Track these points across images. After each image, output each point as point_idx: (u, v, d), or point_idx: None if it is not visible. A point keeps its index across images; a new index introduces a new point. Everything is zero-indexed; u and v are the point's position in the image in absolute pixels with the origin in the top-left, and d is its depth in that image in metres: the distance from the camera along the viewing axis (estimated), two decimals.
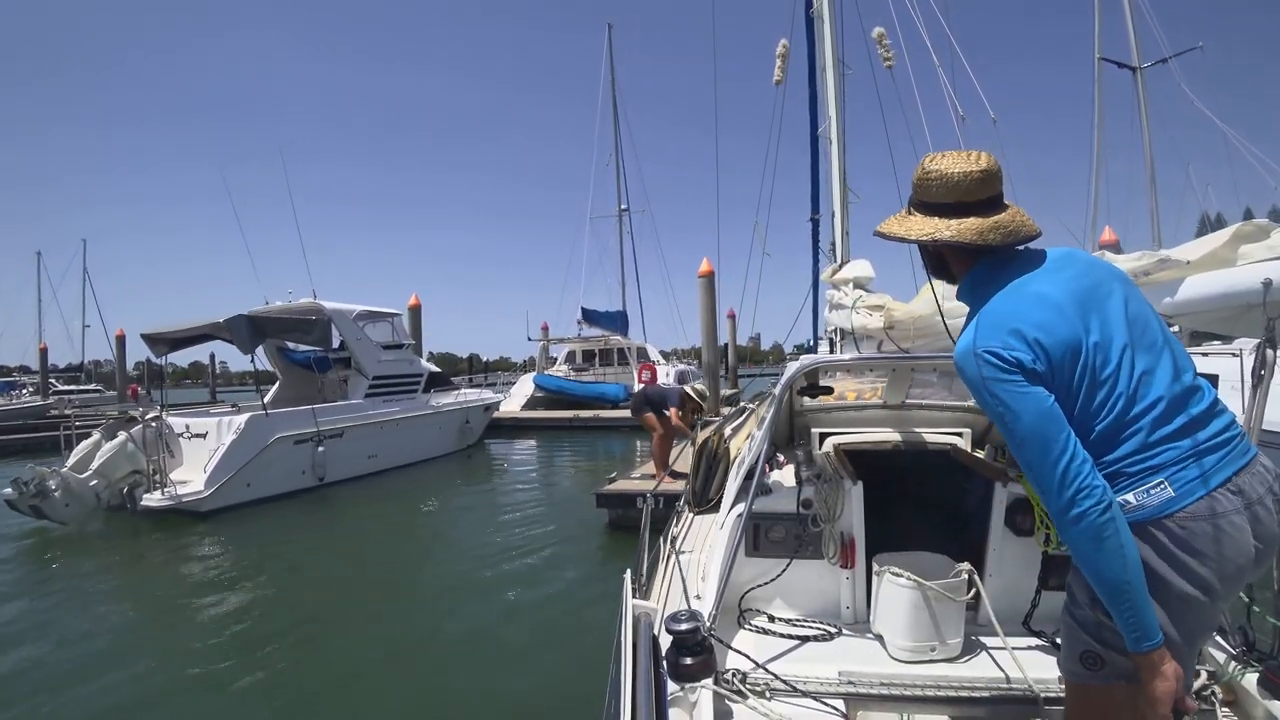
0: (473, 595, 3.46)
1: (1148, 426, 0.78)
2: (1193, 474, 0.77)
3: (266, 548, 4.68)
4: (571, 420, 11.87)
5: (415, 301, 13.89)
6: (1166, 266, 1.24)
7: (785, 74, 4.65)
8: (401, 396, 8.23)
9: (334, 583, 3.93)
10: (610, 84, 17.99)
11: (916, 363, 1.81)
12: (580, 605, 3.22)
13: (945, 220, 0.91)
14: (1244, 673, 1.10)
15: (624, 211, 17.75)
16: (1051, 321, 0.81)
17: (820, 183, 4.61)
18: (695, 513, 2.17)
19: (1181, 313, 1.22)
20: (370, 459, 7.47)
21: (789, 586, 1.53)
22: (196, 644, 2.93)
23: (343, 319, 7.61)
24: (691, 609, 1.03)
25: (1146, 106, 9.48)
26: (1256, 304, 1.03)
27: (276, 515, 5.68)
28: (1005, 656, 1.24)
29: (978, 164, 0.90)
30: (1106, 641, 0.79)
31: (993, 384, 0.81)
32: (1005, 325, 0.83)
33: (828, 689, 1.20)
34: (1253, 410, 1.10)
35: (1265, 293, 1.01)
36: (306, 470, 6.57)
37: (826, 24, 4.01)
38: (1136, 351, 0.81)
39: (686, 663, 0.95)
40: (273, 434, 6.16)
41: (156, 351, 7.32)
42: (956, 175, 0.89)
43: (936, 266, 0.98)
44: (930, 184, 0.92)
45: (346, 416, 7.18)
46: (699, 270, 10.53)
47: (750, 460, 1.73)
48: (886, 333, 2.21)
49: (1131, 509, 0.77)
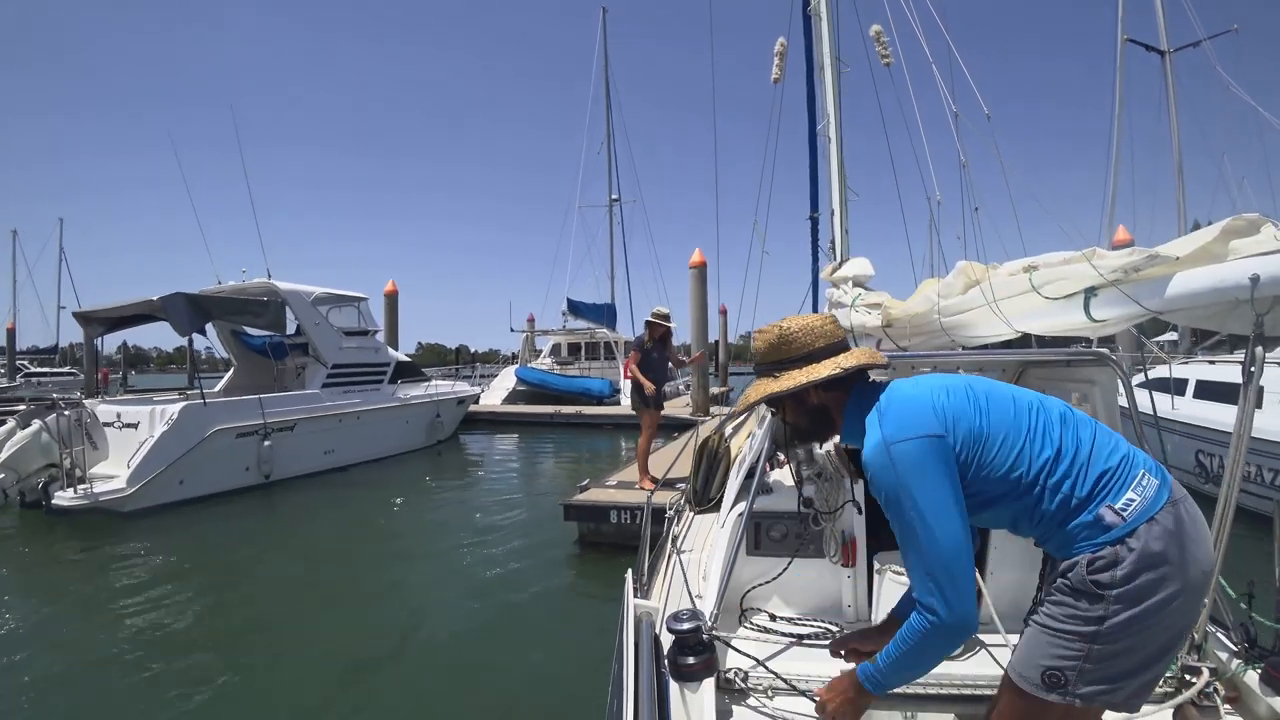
0: (399, 640, 2.96)
1: (1089, 428, 0.89)
2: (1151, 464, 0.87)
3: (196, 553, 4.42)
4: (552, 416, 11.82)
5: (392, 288, 13.64)
6: (1156, 263, 1.31)
7: (784, 72, 4.78)
8: (364, 387, 8.04)
9: (268, 591, 3.70)
10: (604, 69, 18.10)
11: (914, 360, 1.88)
12: (533, 682, 2.53)
13: (822, 362, 0.98)
14: (1246, 669, 1.17)
15: (615, 201, 17.79)
16: (958, 402, 0.89)
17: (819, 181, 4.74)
18: (696, 512, 2.24)
19: (1171, 309, 1.29)
20: (326, 455, 7.26)
21: (790, 585, 1.58)
22: (93, 660, 2.75)
23: (299, 301, 7.40)
24: (693, 608, 1.08)
25: (1175, 93, 9.01)
26: (1245, 300, 1.10)
27: (213, 516, 5.43)
28: (1007, 655, 1.29)
29: (820, 318, 1.03)
30: (1083, 674, 0.82)
31: (915, 481, 0.84)
32: (917, 411, 0.88)
33: None
34: (1241, 409, 1.17)
35: (1253, 288, 1.07)
36: (251, 466, 6.34)
37: (824, 22, 4.15)
38: (1042, 411, 0.90)
39: (688, 662, 0.98)
40: (211, 426, 5.93)
41: (91, 332, 7.14)
42: (815, 322, 1.02)
43: (818, 421, 1.02)
44: (794, 338, 1.01)
45: (299, 408, 6.95)
46: (690, 261, 10.60)
47: (751, 459, 1.79)
48: (884, 331, 2.29)
49: (1139, 505, 0.82)
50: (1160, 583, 0.80)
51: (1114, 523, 0.82)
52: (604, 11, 18.01)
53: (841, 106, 4.14)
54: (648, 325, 4.58)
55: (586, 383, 13.83)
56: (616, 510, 4.08)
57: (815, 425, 1.03)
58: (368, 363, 8.23)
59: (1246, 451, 1.18)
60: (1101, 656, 0.81)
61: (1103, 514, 0.82)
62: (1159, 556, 0.80)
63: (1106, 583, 0.81)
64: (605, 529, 4.13)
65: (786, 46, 4.70)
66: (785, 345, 1.00)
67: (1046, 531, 0.88)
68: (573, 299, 14.99)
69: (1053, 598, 0.87)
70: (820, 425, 1.03)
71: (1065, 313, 1.50)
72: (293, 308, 7.33)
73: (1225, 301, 1.16)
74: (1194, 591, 0.82)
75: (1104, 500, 0.83)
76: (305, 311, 7.47)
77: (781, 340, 1.01)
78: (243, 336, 7.90)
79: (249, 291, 7.38)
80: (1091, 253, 1.45)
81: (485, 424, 12.01)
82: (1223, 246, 1.21)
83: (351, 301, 8.39)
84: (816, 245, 4.77)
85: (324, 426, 7.21)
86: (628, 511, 4.03)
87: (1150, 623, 0.80)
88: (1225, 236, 1.21)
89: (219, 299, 6.73)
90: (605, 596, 3.25)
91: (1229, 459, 1.20)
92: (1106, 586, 0.81)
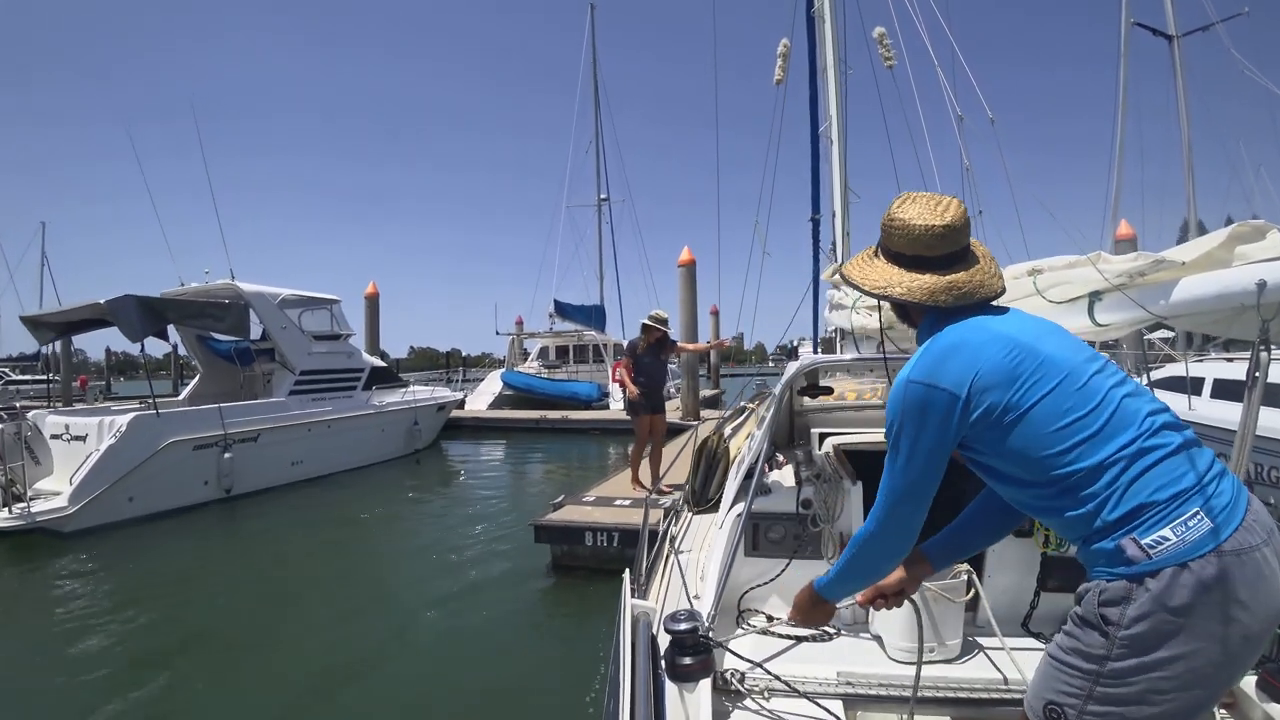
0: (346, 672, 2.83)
1: (1160, 448, 0.78)
2: (1219, 504, 0.76)
3: (145, 576, 4.27)
4: (538, 421, 11.74)
5: (372, 290, 13.47)
6: (1162, 268, 1.36)
7: (786, 74, 4.88)
8: (336, 394, 7.90)
9: (221, 618, 3.53)
10: (592, 67, 18.40)
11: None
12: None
13: (902, 273, 0.97)
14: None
15: (604, 201, 17.87)
16: (995, 358, 0.86)
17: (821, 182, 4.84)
18: (694, 512, 2.29)
19: (1176, 314, 1.34)
20: (294, 466, 7.11)
21: (788, 586, 1.62)
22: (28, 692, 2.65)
23: (263, 304, 7.25)
24: (690, 609, 1.09)
25: (1184, 80, 8.77)
26: (1251, 305, 1.14)
27: (167, 535, 5.28)
28: (1004, 657, 1.34)
29: (940, 217, 0.94)
30: (1084, 716, 0.79)
31: (913, 417, 0.88)
32: (949, 360, 0.88)
33: (826, 689, 1.29)
34: (1246, 415, 1.22)
35: (1259, 294, 1.11)
36: (210, 480, 6.18)
37: (828, 24, 4.27)
38: (1109, 376, 0.84)
39: (685, 663, 1.00)
40: (164, 438, 5.76)
41: (41, 338, 6.91)
42: (918, 228, 0.95)
43: (902, 314, 1.06)
44: (893, 232, 0.99)
45: (263, 417, 6.80)
46: (679, 259, 10.65)
47: (750, 460, 1.84)
48: (886, 333, 2.33)
49: (1171, 547, 0.74)
50: (1177, 637, 0.73)
51: (1135, 557, 0.75)
52: (591, 9, 18.28)
53: (845, 108, 4.24)
54: (644, 329, 4.55)
55: (574, 386, 13.83)
56: (593, 532, 3.82)
57: (904, 319, 1.07)
58: (339, 368, 8.09)
59: (1252, 451, 1.23)
60: (1107, 700, 0.77)
61: (1124, 545, 0.76)
62: (1181, 609, 0.73)
63: (1114, 619, 0.76)
64: (580, 551, 3.86)
65: (790, 48, 4.81)
66: (885, 232, 1.01)
67: (1066, 535, 0.88)
68: (560, 300, 15.08)
69: (1065, 626, 0.85)
70: (906, 320, 1.07)
71: (1069, 317, 1.54)
72: (257, 310, 7.18)
73: (1231, 307, 1.20)
74: (1232, 657, 0.74)
75: (1131, 532, 0.77)
76: (270, 314, 7.32)
77: (886, 225, 1.00)
78: (209, 342, 7.73)
79: (210, 293, 7.23)
80: (1096, 257, 1.49)
81: (469, 430, 11.88)
82: (1228, 252, 1.26)
83: (323, 304, 8.26)
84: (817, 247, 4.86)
85: (291, 436, 7.06)
86: (604, 533, 3.79)
87: (1160, 676, 0.73)
88: (1231, 242, 1.26)
89: (174, 301, 6.58)
90: (574, 635, 3.13)
91: (1231, 463, 1.25)
92: (1113, 624, 0.76)
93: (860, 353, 2.57)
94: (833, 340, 3.24)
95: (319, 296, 8.21)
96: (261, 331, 7.47)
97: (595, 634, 2.97)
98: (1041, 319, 0.96)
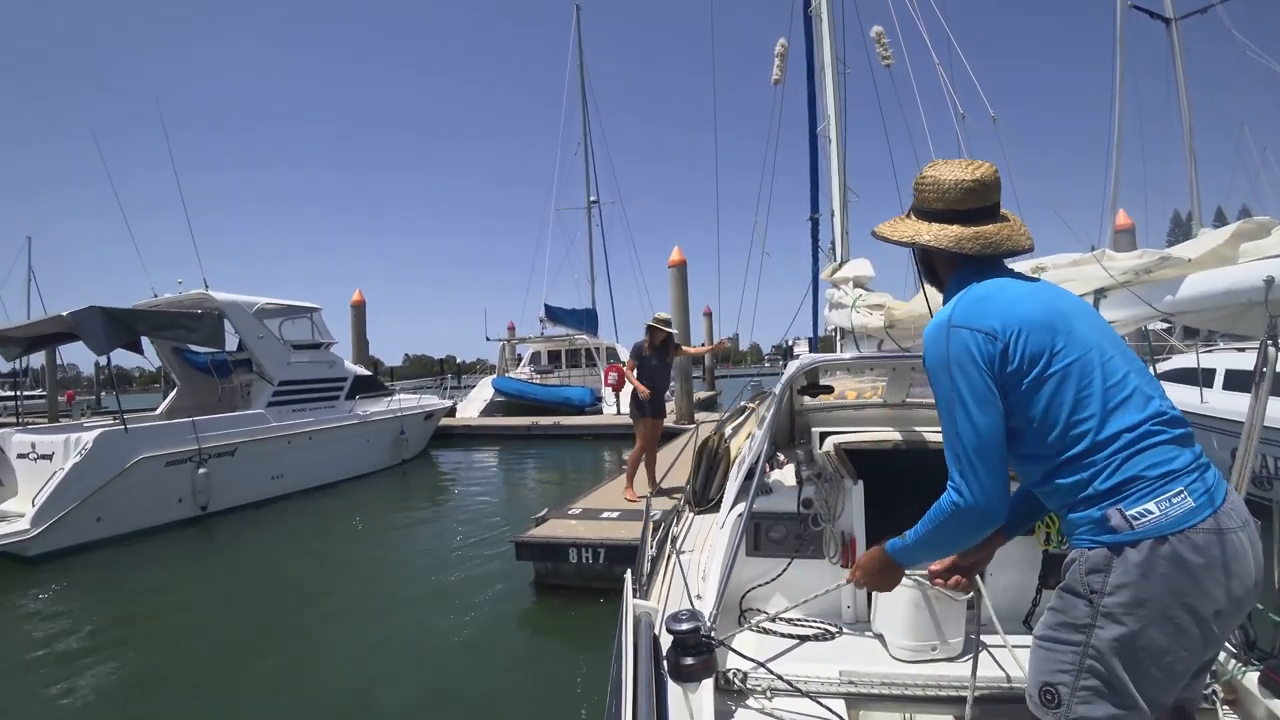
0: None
1: (1161, 433, 0.84)
2: (1201, 487, 0.82)
3: (114, 601, 4.15)
4: (529, 428, 11.70)
5: (359, 298, 13.39)
6: (1168, 264, 1.40)
7: (784, 73, 4.95)
8: (317, 404, 7.83)
9: (191, 645, 3.45)
10: (579, 68, 18.52)
11: (917, 362, 1.96)
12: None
13: (930, 224, 1.02)
14: (1244, 671, 1.23)
15: (593, 203, 17.95)
16: (1033, 315, 0.89)
17: (820, 182, 4.90)
18: (695, 512, 2.33)
19: (1183, 311, 1.38)
20: (274, 480, 7.02)
21: (790, 586, 1.66)
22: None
23: (238, 313, 7.19)
24: (692, 609, 1.12)
25: (1183, 64, 8.70)
26: (1258, 302, 1.18)
27: (138, 557, 5.17)
28: (1006, 656, 1.36)
29: (971, 173, 0.99)
30: (1077, 692, 0.83)
31: (961, 363, 0.88)
32: (989, 310, 0.91)
33: (829, 689, 1.31)
34: (1253, 409, 1.25)
35: (1267, 290, 1.15)
36: (184, 498, 6.09)
37: (825, 23, 4.35)
38: (1127, 361, 0.89)
39: (687, 663, 1.02)
40: (134, 454, 5.66)
41: (7, 354, 6.83)
42: (947, 183, 1.00)
43: (928, 273, 1.10)
44: (924, 189, 1.03)
45: (240, 430, 6.72)
46: (670, 259, 10.69)
47: (750, 460, 1.87)
48: (887, 332, 2.36)
49: (1154, 520, 0.80)
50: (1153, 607, 0.79)
51: (1119, 526, 0.81)
52: (577, 9, 18.49)
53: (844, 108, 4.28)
54: (649, 330, 4.62)
55: (566, 391, 13.83)
56: (577, 548, 3.64)
57: (930, 278, 1.10)
58: (321, 378, 8.02)
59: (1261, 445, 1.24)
60: (1095, 673, 0.81)
61: (1110, 514, 0.82)
62: (1158, 579, 0.79)
63: (1096, 587, 0.82)
64: (564, 569, 3.69)
65: (787, 47, 4.89)
66: (915, 190, 1.05)
67: (1051, 502, 0.92)
68: (550, 304, 15.06)
69: (1050, 604, 0.89)
70: (933, 280, 1.10)
71: None
72: (231, 320, 7.11)
73: (1238, 304, 1.25)
74: (1205, 629, 0.80)
75: (1119, 503, 0.82)
76: (246, 324, 7.25)
77: (917, 183, 1.04)
78: (185, 354, 7.65)
79: (183, 304, 7.17)
80: (1101, 254, 1.52)
81: (461, 439, 11.82)
82: (1233, 249, 1.30)
83: (303, 312, 8.21)
84: (817, 246, 4.91)
85: (270, 449, 6.99)
86: (589, 550, 3.61)
87: (1141, 646, 0.79)
88: (1236, 239, 1.29)
89: (144, 313, 6.51)
90: (554, 667, 2.94)
91: (1237, 463, 1.27)
92: (1095, 592, 0.82)
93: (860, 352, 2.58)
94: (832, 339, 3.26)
95: (298, 305, 8.16)
96: (239, 342, 7.39)
97: (575, 663, 2.88)
98: (1070, 293, 0.99)
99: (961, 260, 1.00)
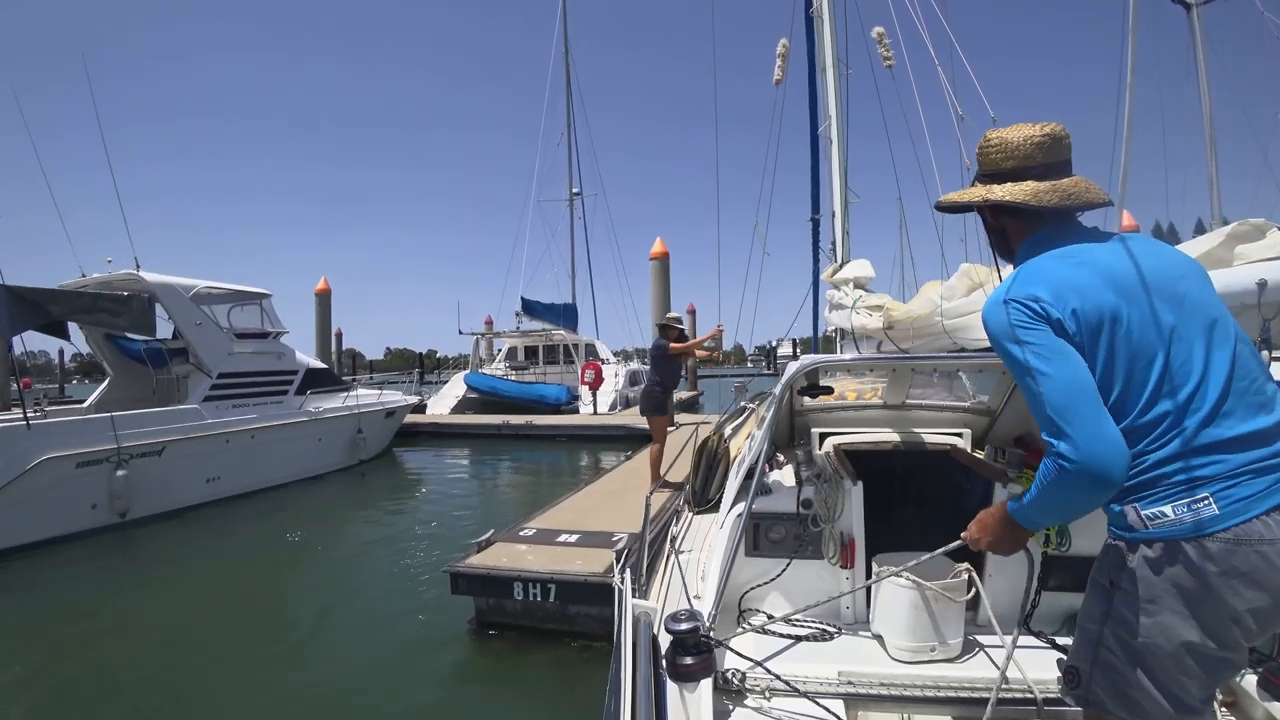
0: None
1: (1197, 429, 0.84)
2: (1244, 492, 0.81)
3: (15, 620, 3.91)
4: (500, 427, 11.65)
5: (324, 286, 13.01)
6: None
7: (785, 73, 5.14)
8: (263, 400, 7.61)
9: (93, 676, 3.14)
10: (564, 59, 18.70)
11: (916, 363, 2.06)
12: None
13: (1003, 184, 1.03)
14: (1243, 674, 1.31)
15: (576, 195, 18.03)
16: (1091, 286, 0.90)
17: (820, 182, 5.07)
18: (695, 512, 2.42)
19: None
20: (210, 484, 6.79)
21: (789, 586, 1.74)
22: None
23: (172, 297, 6.92)
24: (691, 609, 1.18)
25: (1205, 52, 8.43)
26: (1251, 304, 1.29)
27: (47, 569, 4.91)
28: (1003, 656, 1.42)
29: (1040, 129, 1.02)
30: (1099, 665, 0.90)
31: (1021, 331, 0.90)
32: (1041, 280, 0.93)
33: (827, 689, 1.38)
34: None
35: (1260, 293, 1.27)
36: (100, 503, 5.82)
37: (826, 23, 4.54)
38: (1195, 344, 0.87)
39: (686, 662, 1.08)
40: (36, 454, 5.39)
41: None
42: (1015, 140, 1.02)
43: (999, 242, 1.10)
44: (990, 152, 1.05)
45: (169, 427, 6.46)
46: (651, 251, 10.74)
47: (750, 460, 1.96)
48: (886, 333, 2.46)
49: (1167, 523, 0.83)
50: (1164, 606, 0.83)
51: (1135, 524, 0.87)
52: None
53: (846, 108, 4.45)
54: (662, 329, 5.14)
55: (541, 389, 13.83)
56: (522, 583, 3.16)
57: (999, 246, 1.11)
58: (267, 370, 7.79)
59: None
60: (1107, 666, 0.88)
61: (1127, 511, 0.87)
62: (1168, 580, 0.83)
63: (1116, 581, 0.89)
64: (509, 606, 3.22)
65: (789, 48, 5.06)
66: (981, 155, 1.07)
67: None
68: (527, 298, 15.13)
69: (1086, 590, 0.97)
70: (1001, 248, 1.10)
71: None
72: (165, 304, 6.85)
73: (1232, 306, 1.34)
74: (1218, 637, 0.82)
75: (1136, 500, 0.87)
76: (181, 309, 6.97)
77: (982, 148, 1.06)
78: (118, 341, 7.34)
79: (111, 285, 6.89)
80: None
81: (428, 437, 11.68)
82: (1228, 251, 1.41)
83: (252, 299, 8.00)
84: (817, 247, 5.08)
85: (205, 449, 6.74)
86: (537, 585, 3.13)
87: (1152, 644, 0.84)
88: (1231, 241, 1.40)
89: (57, 293, 6.25)
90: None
91: None
92: (1115, 586, 0.89)
93: (860, 352, 2.69)
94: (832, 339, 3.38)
95: (246, 290, 7.95)
96: (174, 330, 7.13)
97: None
98: (1170, 264, 0.93)
99: (1035, 224, 1.01)
